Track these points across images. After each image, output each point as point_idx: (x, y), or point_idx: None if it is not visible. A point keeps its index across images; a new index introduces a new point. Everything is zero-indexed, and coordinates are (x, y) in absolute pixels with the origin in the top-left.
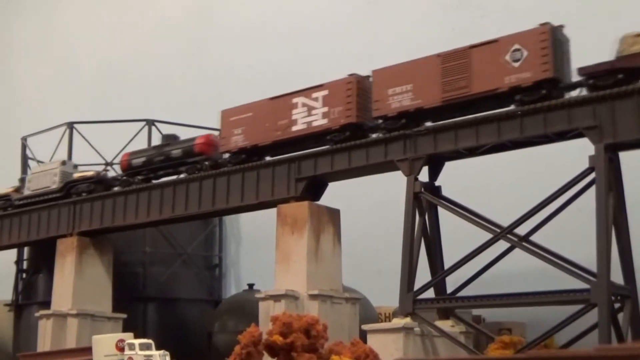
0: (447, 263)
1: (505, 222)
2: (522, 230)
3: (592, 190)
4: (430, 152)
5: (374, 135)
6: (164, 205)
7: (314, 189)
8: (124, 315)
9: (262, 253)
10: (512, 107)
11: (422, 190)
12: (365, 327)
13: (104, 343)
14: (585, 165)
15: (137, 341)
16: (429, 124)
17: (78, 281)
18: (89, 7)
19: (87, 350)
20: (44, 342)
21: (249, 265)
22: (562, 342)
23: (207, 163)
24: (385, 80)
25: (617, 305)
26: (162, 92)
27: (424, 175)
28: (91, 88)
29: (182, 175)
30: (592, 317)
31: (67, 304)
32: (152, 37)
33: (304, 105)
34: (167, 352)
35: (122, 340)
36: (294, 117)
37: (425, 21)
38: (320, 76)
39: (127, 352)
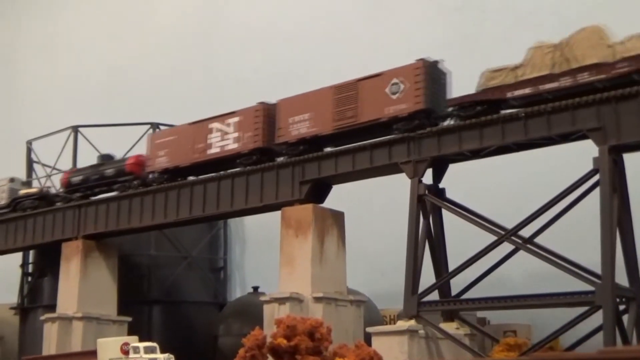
0: (452, 265)
1: (509, 224)
2: (526, 232)
3: (597, 192)
4: (434, 155)
5: (280, 159)
6: (169, 208)
7: (318, 191)
8: (129, 319)
9: (266, 256)
10: (391, 135)
11: (426, 192)
12: (369, 329)
13: (109, 346)
14: (589, 167)
15: (142, 344)
16: (327, 149)
17: (83, 284)
18: (94, 11)
19: (92, 353)
20: (50, 345)
21: (254, 268)
22: (568, 344)
23: (135, 182)
24: (287, 109)
25: (621, 307)
26: (167, 95)
27: (428, 178)
28: (96, 92)
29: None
30: (597, 319)
31: (73, 307)
32: (156, 40)
33: (218, 130)
34: (172, 355)
35: (127, 344)
36: (209, 141)
37: (428, 23)
38: (324, 78)
39: (132, 355)
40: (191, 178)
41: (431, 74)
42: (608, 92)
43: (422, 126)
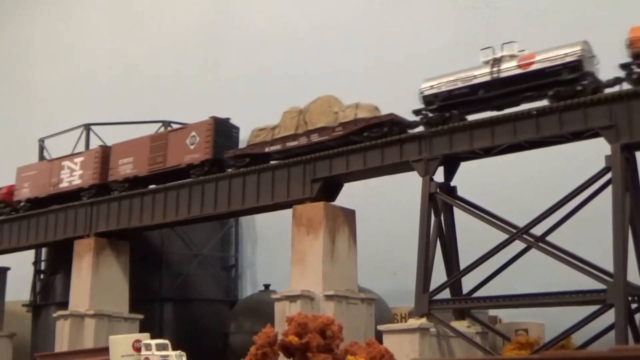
0: (463, 263)
1: (521, 223)
2: (538, 230)
3: (609, 190)
4: (445, 153)
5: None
6: (180, 206)
7: (329, 189)
8: (141, 316)
9: (278, 254)
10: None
11: (438, 190)
12: (381, 327)
13: (121, 343)
14: (601, 165)
15: (153, 341)
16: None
17: (95, 282)
18: (106, 10)
19: (104, 350)
20: (62, 343)
21: (265, 266)
22: (580, 342)
23: (7, 209)
24: (118, 153)
25: (633, 306)
26: (178, 93)
27: (439, 176)
28: (108, 90)
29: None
30: (609, 317)
31: (85, 304)
32: (168, 39)
33: (68, 167)
34: (183, 353)
35: (138, 341)
36: (61, 177)
37: (439, 21)
38: (334, 79)
39: (143, 352)
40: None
41: (220, 129)
42: (620, 90)
43: (212, 172)
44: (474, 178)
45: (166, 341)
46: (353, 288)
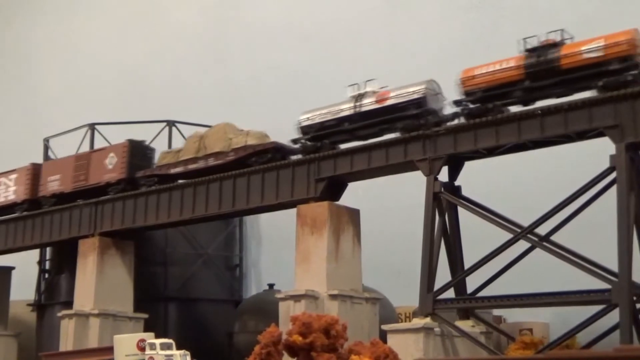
0: (467, 263)
1: (525, 222)
2: (542, 230)
3: (613, 189)
4: (449, 152)
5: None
6: (185, 206)
7: (333, 189)
8: (145, 315)
9: (282, 253)
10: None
11: (442, 190)
12: (385, 327)
13: (125, 342)
14: (606, 164)
15: (158, 341)
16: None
17: (100, 281)
18: (110, 10)
19: (109, 349)
20: (66, 342)
21: (269, 266)
22: (585, 342)
23: None
24: (48, 170)
25: (638, 306)
26: (183, 93)
27: (443, 175)
28: (112, 90)
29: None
30: (614, 317)
31: (89, 304)
32: (172, 39)
33: (4, 183)
34: (187, 352)
35: (143, 340)
36: None
37: (445, 21)
38: (336, 78)
39: (148, 351)
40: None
41: (135, 151)
42: (625, 90)
43: (127, 190)
44: (478, 178)
45: (170, 340)
46: (357, 287)
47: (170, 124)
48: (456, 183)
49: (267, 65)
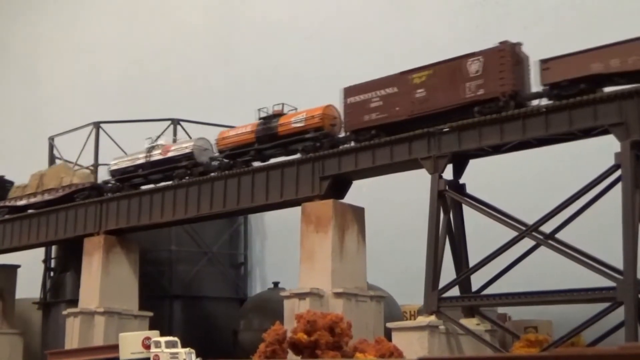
0: (472, 261)
1: (530, 220)
2: (547, 227)
3: (618, 187)
4: (454, 150)
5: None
6: (189, 204)
7: (338, 187)
8: (150, 313)
9: (287, 251)
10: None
11: (447, 188)
12: (390, 325)
13: (131, 341)
14: (611, 162)
15: (163, 339)
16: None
17: (105, 279)
18: (115, 7)
19: (114, 347)
20: (72, 340)
21: (274, 264)
22: (590, 340)
23: None
24: None
25: None
26: (188, 91)
27: (448, 173)
28: (118, 88)
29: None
30: (620, 315)
31: (95, 302)
32: (178, 37)
33: None
34: (192, 350)
35: (148, 338)
36: None
37: (448, 18)
38: (344, 76)
39: (153, 349)
40: (212, 174)
41: None
42: (630, 87)
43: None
44: (483, 175)
45: (175, 338)
46: (362, 285)
47: (175, 122)
48: (461, 181)
49: (272, 63)
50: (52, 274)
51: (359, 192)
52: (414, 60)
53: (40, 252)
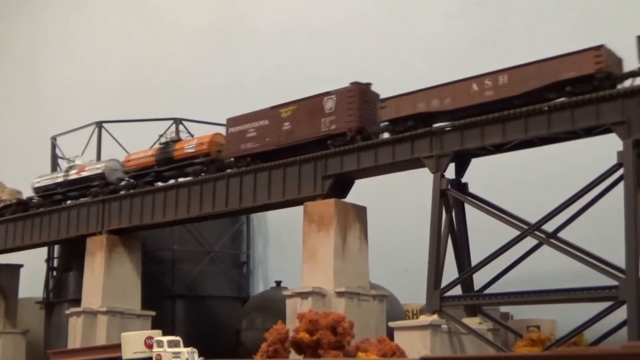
0: (475, 260)
1: (532, 219)
2: (549, 227)
3: (621, 186)
4: (456, 149)
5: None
6: (192, 203)
7: (340, 186)
8: (153, 313)
9: (289, 250)
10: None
11: (449, 187)
12: (392, 324)
13: (133, 340)
14: (613, 161)
15: (165, 338)
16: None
17: (107, 279)
18: (117, 6)
19: (117, 347)
20: (74, 339)
21: (276, 263)
22: (592, 339)
23: None
24: None
25: None
26: (191, 90)
27: (450, 172)
28: (120, 87)
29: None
30: (622, 314)
31: (97, 301)
32: (181, 36)
33: None
34: (195, 349)
35: (150, 338)
36: None
37: (450, 17)
38: (347, 75)
39: (155, 349)
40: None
41: None
42: (632, 85)
43: None
44: (485, 174)
45: (178, 338)
46: (364, 285)
47: (177, 121)
48: (463, 180)
49: (275, 62)
50: (54, 273)
51: (361, 191)
52: (415, 59)
53: (42, 251)
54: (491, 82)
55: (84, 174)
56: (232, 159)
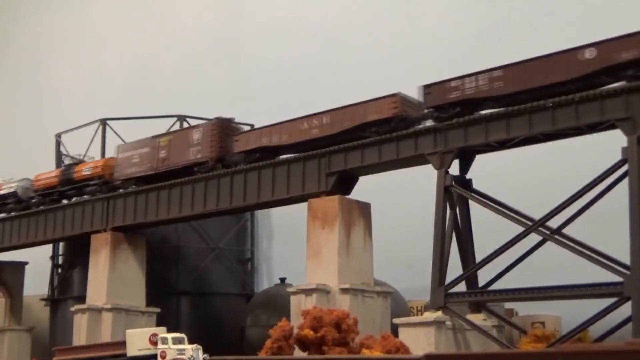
0: (479, 256)
1: (537, 215)
2: (554, 223)
3: (625, 182)
4: (460, 145)
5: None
6: (196, 200)
7: (344, 183)
8: (158, 310)
9: (293, 247)
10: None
11: (453, 183)
12: (396, 321)
13: (138, 337)
14: (618, 157)
15: (170, 335)
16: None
17: (112, 276)
18: (121, 4)
19: (122, 344)
20: (79, 336)
21: (281, 260)
22: (597, 335)
23: None
24: None
25: None
26: (194, 88)
27: (454, 169)
28: (124, 84)
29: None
30: (627, 310)
31: (102, 298)
32: (184, 34)
33: None
34: (199, 346)
35: (155, 334)
36: None
37: (455, 13)
38: (349, 73)
39: (160, 346)
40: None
41: None
42: (637, 82)
43: None
44: (490, 171)
45: (183, 335)
46: (369, 281)
47: (181, 118)
48: (467, 176)
49: (278, 60)
50: (59, 270)
51: (365, 187)
52: (418, 58)
53: (47, 249)
54: (317, 122)
55: (1, 192)
56: (120, 181)
